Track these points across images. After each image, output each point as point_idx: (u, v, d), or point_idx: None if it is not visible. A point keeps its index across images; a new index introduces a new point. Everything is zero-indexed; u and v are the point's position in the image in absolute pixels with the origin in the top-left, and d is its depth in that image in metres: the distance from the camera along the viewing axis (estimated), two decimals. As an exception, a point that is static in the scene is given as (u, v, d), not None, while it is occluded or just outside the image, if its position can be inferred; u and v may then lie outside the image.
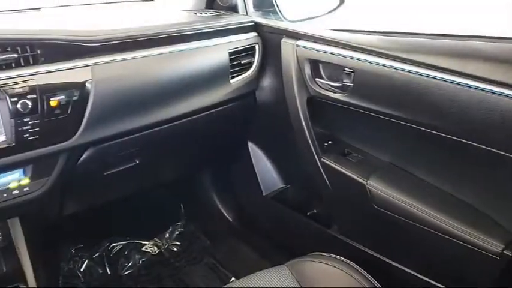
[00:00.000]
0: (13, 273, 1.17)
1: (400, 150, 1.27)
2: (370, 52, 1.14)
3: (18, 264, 1.19)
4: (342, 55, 1.21)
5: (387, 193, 1.20)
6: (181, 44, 1.27)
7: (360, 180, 1.26)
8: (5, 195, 1.06)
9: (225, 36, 1.38)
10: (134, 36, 1.18)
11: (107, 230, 1.92)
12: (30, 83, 1.00)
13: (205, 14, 1.48)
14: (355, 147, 1.37)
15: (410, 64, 1.05)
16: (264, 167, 1.71)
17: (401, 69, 1.06)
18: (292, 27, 1.37)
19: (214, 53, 1.36)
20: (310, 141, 1.37)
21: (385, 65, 1.10)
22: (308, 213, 1.58)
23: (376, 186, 1.22)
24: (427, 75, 1.02)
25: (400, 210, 1.17)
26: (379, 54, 1.12)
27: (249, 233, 1.90)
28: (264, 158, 1.71)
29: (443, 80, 0.99)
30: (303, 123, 1.37)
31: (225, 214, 2.00)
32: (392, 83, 1.09)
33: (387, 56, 1.10)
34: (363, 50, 1.16)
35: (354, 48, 1.18)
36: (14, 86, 0.98)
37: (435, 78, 1.00)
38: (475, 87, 0.94)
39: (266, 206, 1.73)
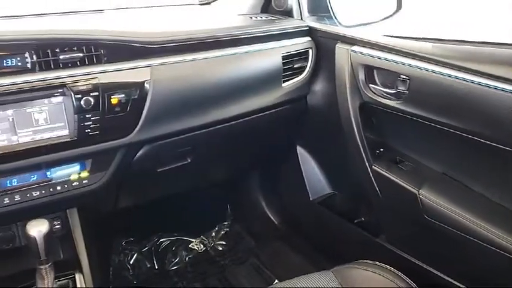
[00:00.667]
0: (69, 261, 1.24)
1: (454, 160, 1.23)
2: (427, 60, 1.11)
3: (75, 253, 1.26)
4: (397, 62, 1.19)
5: (439, 204, 1.16)
6: (237, 47, 1.30)
7: (412, 189, 1.23)
8: (65, 186, 1.12)
9: (279, 40, 1.40)
10: (192, 39, 1.22)
11: (156, 226, 1.98)
12: (94, 81, 1.06)
13: (260, 18, 1.50)
14: (408, 156, 1.34)
15: (470, 73, 1.02)
16: (312, 172, 1.71)
17: (460, 78, 1.03)
18: (347, 32, 1.36)
19: (268, 57, 1.37)
20: (361, 148, 1.35)
21: (442, 73, 1.07)
22: (355, 221, 1.56)
23: (428, 197, 1.19)
24: (487, 86, 0.98)
25: (452, 222, 1.14)
26: (436, 62, 1.09)
27: (294, 236, 1.90)
28: (312, 163, 1.71)
29: (504, 90, 0.95)
30: (355, 129, 1.35)
31: (271, 216, 2.01)
32: (449, 92, 1.06)
33: (445, 64, 1.07)
34: (419, 57, 1.13)
35: (409, 55, 1.16)
36: (78, 84, 1.04)
37: (495, 88, 0.97)
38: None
39: (312, 210, 1.73)
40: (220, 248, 1.99)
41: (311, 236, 1.82)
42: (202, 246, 1.99)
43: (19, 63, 1.02)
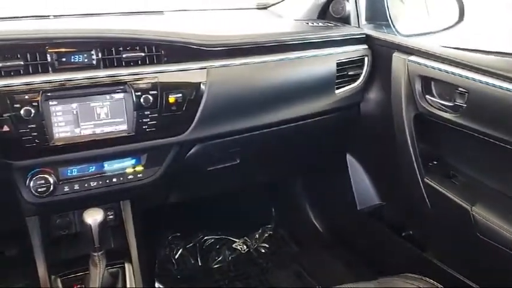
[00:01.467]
0: (120, 251, 1.29)
1: (511, 178, 1.18)
2: (487, 73, 1.07)
3: (125, 243, 1.31)
4: (455, 74, 1.15)
5: (494, 222, 1.12)
6: (292, 53, 1.31)
7: (465, 205, 1.19)
8: (121, 178, 1.18)
9: (335, 46, 1.39)
10: (248, 43, 1.24)
11: (202, 223, 2.02)
12: (153, 80, 1.10)
13: (316, 25, 1.50)
14: (462, 170, 1.30)
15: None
16: (361, 181, 1.68)
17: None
18: (405, 41, 1.34)
19: (322, 63, 1.37)
20: (414, 160, 1.32)
21: (502, 88, 1.03)
22: (403, 234, 1.52)
23: (482, 214, 1.15)
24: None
25: (507, 241, 1.09)
26: (497, 76, 1.05)
27: (337, 244, 1.89)
28: (361, 172, 1.69)
29: None
30: (408, 140, 1.33)
31: (315, 223, 2.00)
32: (510, 107, 1.02)
33: (505, 78, 1.03)
34: (478, 70, 1.10)
35: (469, 67, 1.12)
36: (139, 82, 1.10)
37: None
38: None
39: (359, 220, 1.71)
40: (263, 251, 2.00)
41: (355, 246, 1.80)
42: (245, 247, 2.01)
43: (85, 60, 1.08)
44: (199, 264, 1.92)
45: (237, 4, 1.79)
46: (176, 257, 1.93)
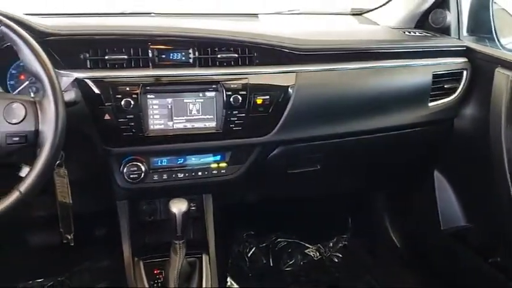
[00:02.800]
0: (199, 242, 1.34)
1: None
2: None
3: (204, 236, 1.36)
4: None
5: None
6: (386, 61, 1.29)
7: None
8: (206, 172, 1.23)
9: (432, 57, 1.34)
10: (341, 49, 1.24)
11: (276, 224, 2.04)
12: (244, 81, 1.14)
13: (414, 34, 1.45)
14: None
15: None
16: (447, 200, 1.60)
17: None
18: (510, 57, 1.25)
19: (417, 74, 1.33)
20: (510, 182, 1.23)
21: None
22: (490, 260, 1.42)
23: None
24: None
25: None
26: None
27: (416, 262, 1.81)
28: (449, 191, 1.60)
29: None
30: (505, 161, 1.24)
31: (394, 238, 1.93)
32: None
33: None
34: None
35: None
36: (230, 82, 1.13)
37: None
38: None
39: (441, 241, 1.62)
40: (336, 260, 1.97)
41: (435, 266, 1.71)
42: (318, 254, 2.00)
43: (183, 58, 1.14)
44: (271, 264, 1.93)
45: (331, 9, 1.77)
46: (249, 255, 1.96)
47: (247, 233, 2.03)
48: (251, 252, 1.97)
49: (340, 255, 1.99)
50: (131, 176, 1.16)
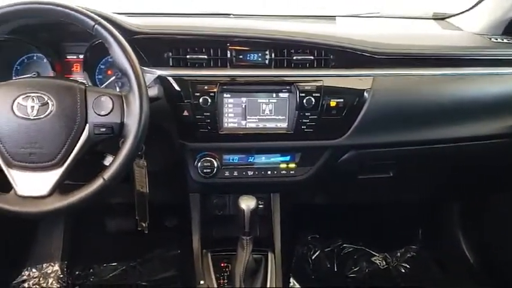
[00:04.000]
0: (265, 240, 1.36)
1: None
2: None
3: (270, 234, 1.38)
4: None
5: None
6: (469, 68, 1.23)
7: None
8: (275, 172, 1.25)
9: (519, 66, 1.26)
10: (421, 54, 1.21)
11: (343, 230, 2.01)
12: (318, 83, 1.14)
13: (501, 41, 1.37)
14: None
15: None
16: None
17: None
18: None
19: (503, 83, 1.26)
20: None
21: None
22: None
23: None
24: None
25: None
26: None
27: (488, 278, 1.71)
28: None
29: None
30: None
31: (466, 252, 1.84)
32: None
33: None
34: None
35: None
36: (304, 84, 1.14)
37: None
38: None
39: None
40: (403, 271, 1.91)
41: (510, 283, 1.60)
42: (384, 263, 1.95)
43: (259, 59, 1.18)
44: (335, 269, 1.91)
45: (413, 13, 1.72)
46: (313, 257, 1.95)
47: (312, 235, 2.02)
48: (315, 255, 1.96)
49: (408, 266, 1.92)
50: (204, 170, 1.21)
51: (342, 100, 1.15)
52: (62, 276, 1.78)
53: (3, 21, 0.95)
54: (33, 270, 1.79)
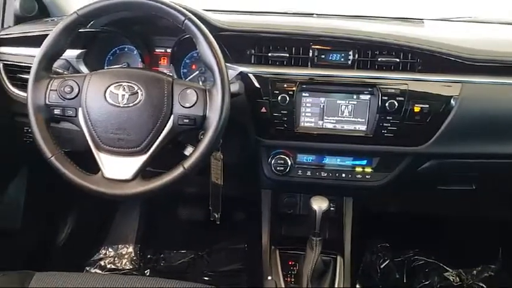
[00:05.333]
0: (334, 243, 1.34)
1: None
2: None
3: (340, 237, 1.36)
4: None
5: None
6: None
7: None
8: (350, 175, 1.22)
9: None
10: (514, 62, 1.12)
11: (415, 240, 1.93)
12: (403, 87, 1.10)
13: None
14: None
15: None
16: None
17: None
18: None
19: None
20: None
21: None
22: None
23: None
24: None
25: None
26: None
27: None
28: None
29: None
30: None
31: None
32: None
33: None
34: None
35: None
36: (388, 86, 1.11)
37: None
38: None
39: None
40: (479, 290, 1.80)
41: None
42: (458, 279, 1.84)
43: (342, 59, 1.16)
44: (404, 281, 1.84)
45: (508, 18, 1.61)
46: (382, 266, 1.89)
47: (382, 244, 1.96)
48: (384, 264, 1.90)
49: (484, 286, 1.81)
50: (278, 168, 1.21)
51: (426, 106, 1.11)
52: (134, 258, 1.88)
53: (103, 14, 1.02)
54: (110, 250, 1.90)
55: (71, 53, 1.17)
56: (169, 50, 1.26)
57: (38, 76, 0.99)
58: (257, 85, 1.14)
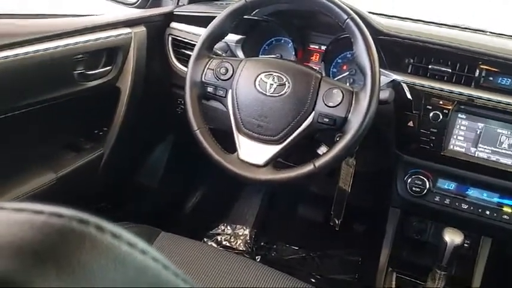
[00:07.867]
0: (459, 282, 1.22)
1: None
2: None
3: (469, 278, 1.22)
4: None
5: None
6: None
7: None
8: (495, 214, 1.09)
9: None
10: None
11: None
12: None
13: None
14: None
15: None
16: None
17: None
18: None
19: None
20: None
21: None
22: None
23: None
24: None
25: None
26: None
27: None
28: None
29: None
30: None
31: None
32: None
33: None
34: None
35: None
36: None
37: None
38: None
39: None
40: None
41: None
42: None
43: (512, 85, 1.02)
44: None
45: None
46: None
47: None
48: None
49: None
50: (413, 188, 1.13)
51: None
52: (249, 241, 1.93)
53: (270, 3, 1.05)
54: (228, 228, 1.98)
55: (231, 37, 1.22)
56: (323, 47, 1.25)
57: (200, 54, 1.05)
58: (409, 96, 1.07)
